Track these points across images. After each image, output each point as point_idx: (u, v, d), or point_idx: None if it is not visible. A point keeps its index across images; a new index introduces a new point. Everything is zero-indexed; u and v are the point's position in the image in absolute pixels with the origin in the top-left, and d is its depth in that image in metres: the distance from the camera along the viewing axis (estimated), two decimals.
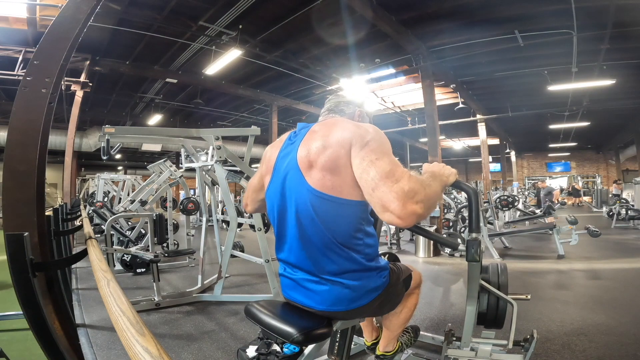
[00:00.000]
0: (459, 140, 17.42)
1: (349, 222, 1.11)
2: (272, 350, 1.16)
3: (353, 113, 1.35)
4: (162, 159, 5.88)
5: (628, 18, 5.55)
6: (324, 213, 1.08)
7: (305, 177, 1.10)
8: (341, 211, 1.08)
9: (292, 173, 1.14)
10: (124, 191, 8.32)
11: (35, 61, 1.49)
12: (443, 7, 5.68)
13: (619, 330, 2.54)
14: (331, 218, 1.09)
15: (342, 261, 1.13)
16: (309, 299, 1.21)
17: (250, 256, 3.57)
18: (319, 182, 1.07)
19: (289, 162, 1.17)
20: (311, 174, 1.09)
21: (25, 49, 6.57)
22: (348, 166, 1.05)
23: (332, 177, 1.06)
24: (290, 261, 1.23)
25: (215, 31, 6.21)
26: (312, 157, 1.10)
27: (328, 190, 1.07)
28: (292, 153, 1.17)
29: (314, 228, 1.11)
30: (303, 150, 1.13)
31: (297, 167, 1.12)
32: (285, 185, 1.17)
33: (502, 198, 7.06)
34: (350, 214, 1.10)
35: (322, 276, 1.16)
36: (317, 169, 1.08)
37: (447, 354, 1.85)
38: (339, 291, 1.17)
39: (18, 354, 2.41)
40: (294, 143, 1.19)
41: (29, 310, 1.16)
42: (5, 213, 1.37)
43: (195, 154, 3.60)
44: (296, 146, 1.16)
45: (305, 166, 1.10)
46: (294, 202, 1.13)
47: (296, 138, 1.21)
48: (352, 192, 1.06)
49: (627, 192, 12.37)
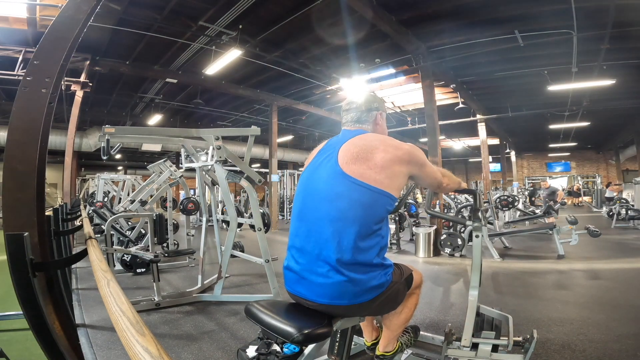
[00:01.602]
0: (459, 140, 17.41)
1: (375, 211, 1.28)
2: (272, 350, 1.16)
3: (375, 118, 1.55)
4: (162, 159, 5.88)
5: (628, 18, 5.54)
6: (354, 196, 1.26)
7: (342, 167, 1.30)
8: (373, 198, 1.27)
9: (328, 163, 1.34)
10: (124, 191, 8.33)
11: (35, 61, 1.49)
12: (443, 7, 5.67)
13: (619, 330, 2.54)
14: (363, 203, 1.26)
15: (357, 249, 1.23)
16: (312, 292, 1.23)
17: (250, 256, 3.57)
18: (357, 171, 1.28)
19: (326, 157, 1.38)
20: (352, 167, 1.28)
21: (25, 49, 6.57)
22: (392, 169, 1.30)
23: (371, 172, 1.27)
24: (304, 247, 1.29)
25: (215, 31, 6.21)
26: (355, 155, 1.31)
27: (366, 180, 1.27)
28: (333, 151, 1.37)
29: (340, 210, 1.26)
30: (345, 148, 1.34)
31: (336, 159, 1.32)
32: (318, 172, 1.37)
33: (502, 198, 7.06)
34: (380, 203, 1.29)
35: (330, 263, 1.21)
36: (359, 164, 1.29)
37: (447, 354, 1.85)
38: (343, 285, 1.20)
39: (18, 354, 2.41)
40: (335, 146, 1.40)
41: (29, 310, 1.16)
42: (5, 213, 1.37)
43: (195, 154, 3.60)
44: (337, 147, 1.36)
45: (347, 160, 1.30)
46: (324, 185, 1.31)
47: (336, 143, 1.41)
48: (384, 184, 1.28)
49: (627, 192, 12.36)
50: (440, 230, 5.90)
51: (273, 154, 10.40)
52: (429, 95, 6.88)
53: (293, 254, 1.35)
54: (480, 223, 1.90)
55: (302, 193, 1.41)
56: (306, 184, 1.41)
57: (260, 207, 3.69)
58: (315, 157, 1.47)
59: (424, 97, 7.01)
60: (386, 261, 1.34)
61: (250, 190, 3.40)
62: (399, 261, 1.54)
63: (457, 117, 10.52)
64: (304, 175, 1.46)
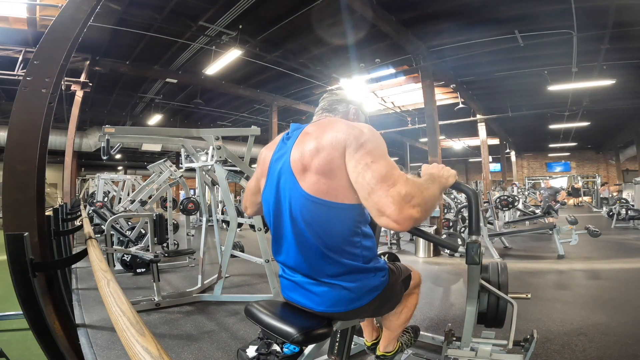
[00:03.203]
0: (459, 140, 17.42)
1: (345, 226, 1.09)
2: (272, 350, 1.16)
3: (347, 111, 1.31)
4: (162, 159, 5.88)
5: (628, 18, 5.54)
6: (320, 217, 1.06)
7: (299, 182, 1.07)
8: (337, 215, 1.06)
9: (286, 177, 1.11)
10: (124, 191, 8.32)
11: (35, 61, 1.49)
12: (443, 7, 5.68)
13: (619, 330, 2.54)
14: (327, 222, 1.07)
15: (340, 264, 1.12)
16: (309, 300, 1.20)
17: (250, 256, 3.57)
18: (314, 186, 1.04)
19: (282, 165, 1.14)
20: (305, 177, 1.06)
21: (25, 49, 6.57)
22: (343, 169, 1.02)
23: (327, 181, 1.03)
24: (288, 264, 1.22)
25: (215, 31, 6.21)
26: (305, 161, 1.06)
27: (323, 195, 1.04)
28: (286, 155, 1.14)
29: (310, 232, 1.08)
30: (296, 153, 1.09)
31: (291, 170, 1.09)
32: (280, 189, 1.14)
33: (502, 198, 7.06)
34: (347, 217, 1.08)
35: (321, 279, 1.15)
36: (311, 172, 1.05)
37: (447, 354, 1.84)
38: (338, 292, 1.16)
39: (18, 354, 2.41)
40: (287, 145, 1.17)
41: (29, 310, 1.16)
42: (5, 213, 1.37)
43: (195, 154, 3.60)
44: (289, 148, 1.13)
45: (299, 170, 1.07)
46: (289, 206, 1.11)
47: (289, 140, 1.18)
48: (348, 196, 1.04)
49: (627, 192, 12.36)
50: (440, 231, 5.90)
51: None
52: (429, 95, 6.88)
53: (283, 267, 1.28)
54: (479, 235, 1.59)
55: (272, 211, 1.19)
56: (272, 199, 1.19)
57: None
58: (271, 160, 1.23)
59: (424, 97, 7.01)
60: (378, 263, 1.24)
61: None
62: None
63: (457, 117, 10.53)
64: (267, 187, 1.22)
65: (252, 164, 3.73)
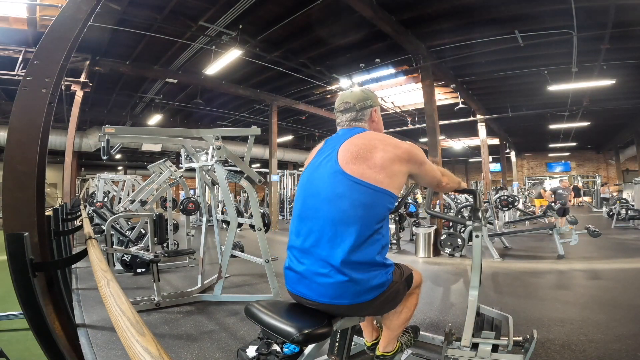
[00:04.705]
0: (459, 140, 17.41)
1: (377, 210, 1.29)
2: (272, 350, 1.16)
3: (370, 115, 1.53)
4: (162, 159, 5.88)
5: (628, 18, 5.54)
6: (359, 197, 1.26)
7: (344, 169, 1.29)
8: (374, 197, 1.28)
9: (331, 165, 1.33)
10: (124, 191, 8.33)
11: (35, 61, 1.49)
12: (443, 7, 5.67)
13: (619, 330, 2.54)
14: (365, 203, 1.27)
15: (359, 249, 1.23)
16: (313, 292, 1.24)
17: (250, 256, 3.57)
18: (357, 171, 1.28)
19: (327, 156, 1.37)
20: (352, 167, 1.29)
21: (25, 49, 6.57)
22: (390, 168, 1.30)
23: (371, 171, 1.28)
24: (304, 246, 1.30)
25: (215, 31, 6.20)
26: (355, 154, 1.31)
27: (366, 179, 1.27)
28: (333, 152, 1.36)
29: (346, 211, 1.26)
30: (345, 150, 1.33)
31: (337, 160, 1.32)
32: (320, 173, 1.36)
33: (502, 198, 7.06)
34: (381, 202, 1.29)
35: (332, 264, 1.21)
36: (359, 164, 1.29)
37: (447, 354, 1.85)
38: (345, 285, 1.21)
39: (18, 354, 2.41)
40: (334, 145, 1.39)
41: (29, 310, 1.16)
42: (5, 213, 1.37)
43: (195, 154, 3.60)
44: (337, 147, 1.36)
45: (347, 160, 1.30)
46: (330, 188, 1.30)
47: (336, 142, 1.41)
48: (385, 183, 1.29)
49: (627, 192, 12.36)
50: (440, 230, 5.90)
51: (273, 154, 10.40)
52: (429, 95, 6.88)
53: (294, 254, 1.35)
54: (480, 223, 1.90)
55: (303, 193, 1.40)
56: (306, 184, 1.41)
57: (260, 207, 3.68)
58: (315, 156, 1.47)
59: (424, 97, 7.00)
60: (387, 261, 1.35)
61: (250, 190, 3.40)
62: (399, 261, 1.54)
63: (457, 117, 10.52)
64: (304, 175, 1.46)
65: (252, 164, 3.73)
